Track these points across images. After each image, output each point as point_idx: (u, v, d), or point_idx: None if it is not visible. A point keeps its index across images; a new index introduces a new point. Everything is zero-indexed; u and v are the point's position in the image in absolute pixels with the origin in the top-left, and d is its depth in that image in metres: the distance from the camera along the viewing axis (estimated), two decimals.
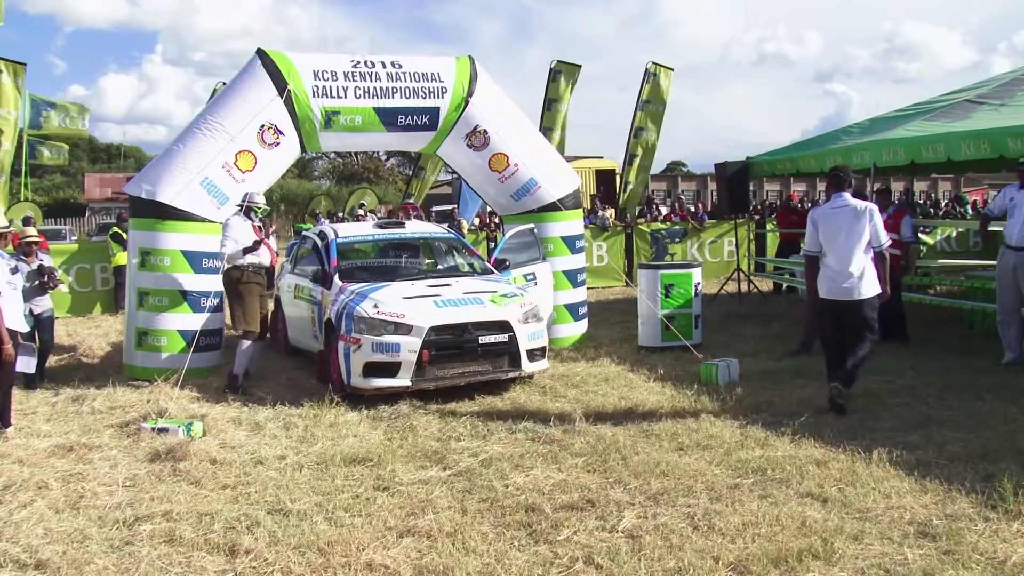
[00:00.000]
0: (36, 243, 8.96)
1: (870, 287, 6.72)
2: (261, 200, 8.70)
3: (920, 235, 13.57)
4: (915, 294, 10.67)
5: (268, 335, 9.26)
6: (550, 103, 18.00)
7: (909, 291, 10.95)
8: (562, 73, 18.02)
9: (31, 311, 8.32)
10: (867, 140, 10.49)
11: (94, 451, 6.27)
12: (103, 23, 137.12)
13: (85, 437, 6.64)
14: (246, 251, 8.33)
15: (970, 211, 24.93)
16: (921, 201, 30.31)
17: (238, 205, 8.57)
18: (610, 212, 19.36)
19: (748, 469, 5.51)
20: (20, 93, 14.36)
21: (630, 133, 18.31)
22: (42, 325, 8.78)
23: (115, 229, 14.91)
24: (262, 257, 8.53)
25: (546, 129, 17.69)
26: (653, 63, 18.10)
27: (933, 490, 5.01)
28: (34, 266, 8.65)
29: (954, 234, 16.17)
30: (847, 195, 6.82)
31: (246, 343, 8.43)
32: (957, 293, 11.57)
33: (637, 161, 18.51)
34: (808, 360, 8.81)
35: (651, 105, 18.17)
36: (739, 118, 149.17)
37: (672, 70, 18.36)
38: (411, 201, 15.90)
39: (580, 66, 18.25)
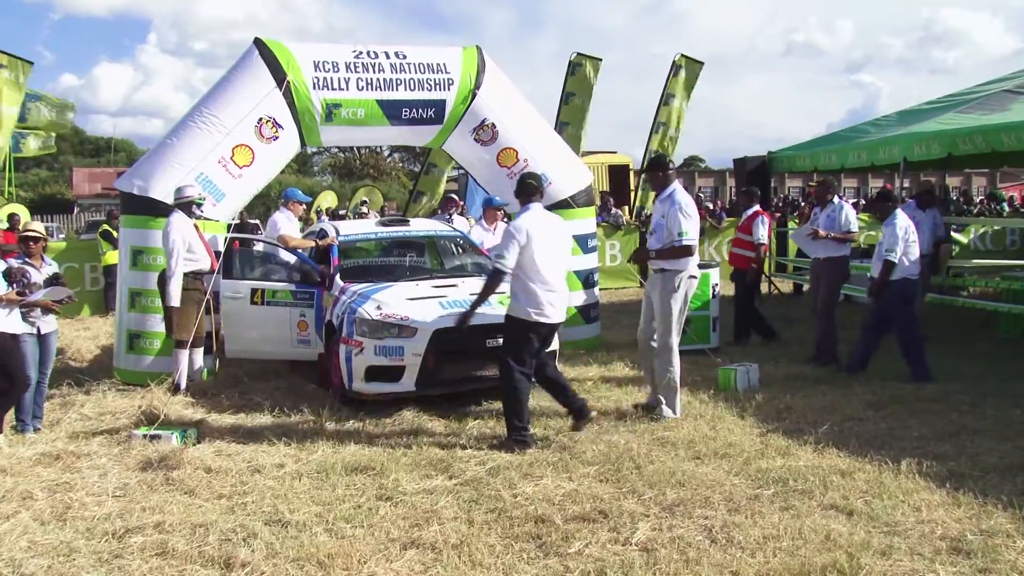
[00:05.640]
0: (37, 239, 7.19)
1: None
2: (194, 191, 8.36)
3: (953, 234, 13.52)
4: (947, 296, 10.62)
5: (215, 342, 8.93)
6: (568, 96, 17.98)
7: (940, 293, 10.91)
8: (582, 66, 18.00)
9: (39, 330, 7.05)
10: (897, 133, 10.43)
11: (82, 459, 6.27)
12: (100, 10, 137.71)
13: (73, 445, 6.65)
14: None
15: (1006, 208, 24.81)
16: (955, 198, 30.17)
17: (176, 202, 8.30)
18: (623, 210, 19.39)
19: (769, 479, 5.50)
20: (21, 91, 14.52)
21: (652, 128, 18.30)
22: (47, 348, 7.24)
23: (105, 227, 14.98)
24: (200, 262, 8.31)
25: (563, 124, 17.69)
26: (682, 55, 18.07)
27: (967, 503, 4.98)
28: (47, 273, 7.13)
29: (989, 232, 16.08)
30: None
31: (182, 352, 8.31)
32: (991, 295, 11.52)
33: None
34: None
35: (675, 100, 18.19)
36: (760, 112, 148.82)
37: (702, 64, 18.34)
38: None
39: (601, 59, 18.28)
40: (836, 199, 9.60)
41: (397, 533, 4.82)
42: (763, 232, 10.41)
